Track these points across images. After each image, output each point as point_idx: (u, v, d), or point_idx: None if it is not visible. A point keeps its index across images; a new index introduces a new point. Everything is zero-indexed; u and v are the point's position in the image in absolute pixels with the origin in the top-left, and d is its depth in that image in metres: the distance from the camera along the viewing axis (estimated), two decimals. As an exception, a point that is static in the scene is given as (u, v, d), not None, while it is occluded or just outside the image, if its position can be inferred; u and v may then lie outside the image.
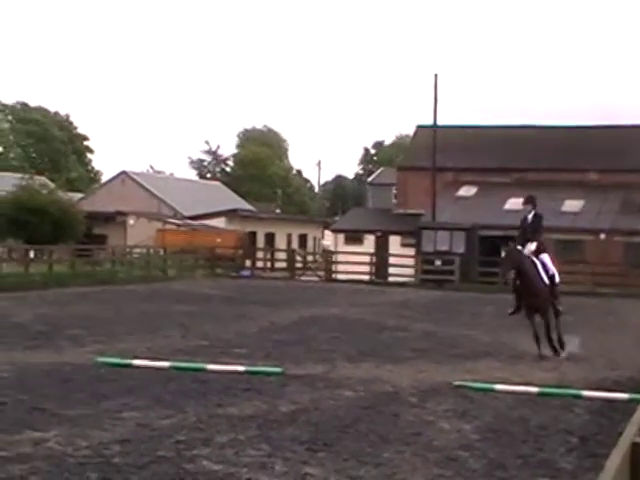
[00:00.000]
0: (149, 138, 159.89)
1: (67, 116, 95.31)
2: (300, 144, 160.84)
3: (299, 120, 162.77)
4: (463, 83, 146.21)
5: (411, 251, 43.47)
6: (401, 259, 41.35)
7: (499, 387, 11.25)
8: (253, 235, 56.51)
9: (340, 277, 40.46)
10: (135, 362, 12.35)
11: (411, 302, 27.77)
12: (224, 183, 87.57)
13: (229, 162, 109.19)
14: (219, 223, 55.13)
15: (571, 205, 44.98)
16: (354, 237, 49.96)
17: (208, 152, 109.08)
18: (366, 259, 40.58)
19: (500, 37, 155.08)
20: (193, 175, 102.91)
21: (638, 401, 9.03)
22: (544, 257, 15.12)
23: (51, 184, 56.34)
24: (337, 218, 72.32)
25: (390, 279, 39.99)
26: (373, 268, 40.64)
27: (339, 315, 21.84)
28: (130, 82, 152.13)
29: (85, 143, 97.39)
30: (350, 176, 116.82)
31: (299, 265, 43.96)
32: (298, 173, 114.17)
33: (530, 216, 15.39)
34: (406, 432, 8.77)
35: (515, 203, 43.24)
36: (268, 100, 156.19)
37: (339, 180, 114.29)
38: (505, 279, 14.94)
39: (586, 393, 11.00)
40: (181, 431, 8.42)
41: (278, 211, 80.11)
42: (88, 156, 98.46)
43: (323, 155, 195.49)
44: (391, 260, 42.27)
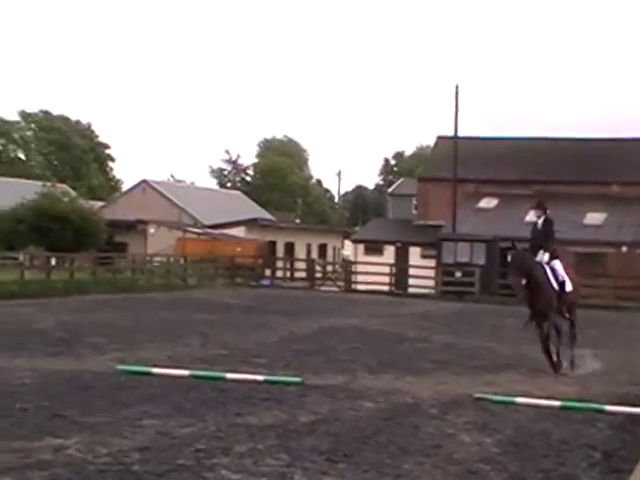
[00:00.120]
0: (170, 147, 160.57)
1: (89, 125, 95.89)
2: (320, 154, 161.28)
3: (319, 130, 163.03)
4: (476, 95, 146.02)
5: (431, 262, 43.37)
6: (421, 270, 41.32)
7: (520, 400, 11.15)
8: (273, 245, 56.53)
9: (360, 288, 40.42)
10: (155, 370, 12.35)
11: (431, 314, 27.68)
12: (244, 192, 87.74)
13: (249, 171, 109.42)
14: (239, 232, 55.19)
15: (593, 218, 44.78)
16: (374, 247, 49.91)
17: (228, 161, 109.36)
18: (386, 270, 40.55)
19: (511, 48, 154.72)
20: (213, 184, 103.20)
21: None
22: (555, 263, 14.68)
23: (73, 192, 56.68)
24: (357, 228, 72.32)
25: (410, 290, 39.87)
26: (393, 279, 40.57)
27: (359, 326, 21.80)
28: (151, 91, 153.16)
29: (106, 151, 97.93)
30: (370, 186, 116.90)
31: (319, 275, 43.94)
32: (318, 183, 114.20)
33: (540, 221, 14.96)
34: (426, 444, 8.70)
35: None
36: (288, 110, 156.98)
37: (359, 190, 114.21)
38: (517, 290, 14.42)
39: (608, 407, 10.89)
40: (200, 440, 8.39)
41: (298, 221, 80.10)
42: (109, 164, 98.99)
43: (343, 165, 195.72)
44: (411, 271, 42.19)
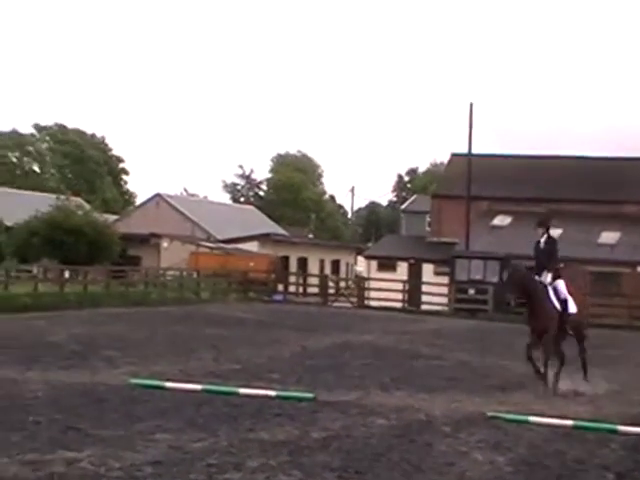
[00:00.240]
0: (183, 161, 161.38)
1: (103, 138, 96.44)
2: (334, 170, 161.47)
3: (333, 146, 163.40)
4: (490, 112, 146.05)
5: (444, 279, 43.29)
6: (434, 287, 41.24)
7: (533, 419, 11.10)
8: (286, 260, 56.55)
9: (373, 304, 40.36)
10: (168, 384, 12.37)
11: (444, 331, 27.59)
12: (257, 207, 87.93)
13: (263, 186, 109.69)
14: (252, 247, 55.26)
15: (607, 237, 44.64)
16: (387, 264, 49.90)
17: (242, 176, 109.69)
18: (399, 286, 40.48)
19: (525, 66, 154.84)
20: (226, 199, 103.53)
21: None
22: (558, 284, 14.36)
23: (87, 205, 56.97)
24: (370, 244, 72.30)
25: (423, 307, 39.79)
26: (406, 295, 40.51)
27: (372, 342, 21.75)
28: (166, 106, 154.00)
29: (121, 165, 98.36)
30: (383, 203, 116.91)
31: (332, 291, 43.91)
32: (331, 198, 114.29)
33: (543, 240, 14.57)
34: (439, 462, 8.67)
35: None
36: (302, 125, 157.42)
37: (372, 206, 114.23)
38: (507, 300, 14.03)
39: (622, 428, 10.83)
40: (213, 454, 8.39)
41: (311, 236, 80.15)
42: (123, 178, 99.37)
43: (357, 181, 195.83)
44: (424, 288, 42.13)
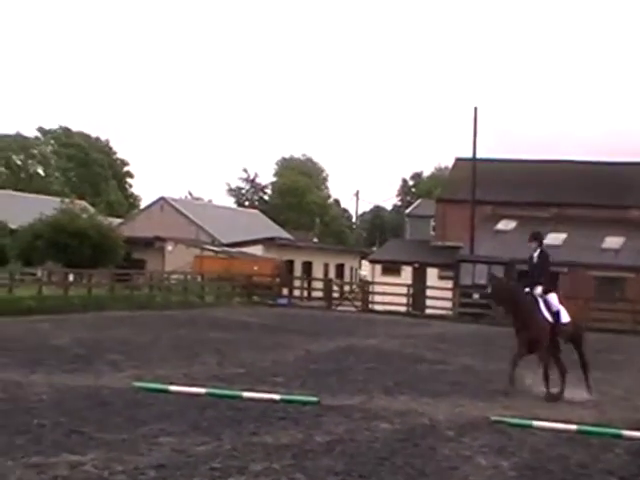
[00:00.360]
0: (188, 164, 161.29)
1: (107, 141, 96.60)
2: (339, 174, 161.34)
3: (338, 150, 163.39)
4: (494, 116, 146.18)
5: (449, 284, 43.27)
6: (438, 291, 41.18)
7: (537, 423, 11.10)
8: (290, 264, 56.54)
9: (377, 308, 40.33)
10: (172, 388, 12.38)
11: (448, 335, 27.56)
12: (262, 211, 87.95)
13: (267, 190, 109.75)
14: (256, 251, 55.26)
15: (612, 242, 44.58)
16: (391, 268, 49.89)
17: (246, 180, 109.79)
18: (403, 290, 40.43)
19: (530, 70, 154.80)
20: (231, 202, 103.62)
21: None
22: (549, 297, 14.20)
23: (91, 208, 57.02)
24: (374, 249, 72.31)
25: (427, 311, 39.75)
26: (410, 300, 40.47)
27: (376, 346, 21.73)
28: (170, 109, 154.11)
29: (125, 168, 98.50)
30: (388, 207, 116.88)
31: (336, 295, 43.90)
32: (336, 203, 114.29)
33: (536, 255, 14.42)
34: (443, 466, 8.68)
35: (555, 238, 43.07)
36: (307, 129, 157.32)
37: (377, 211, 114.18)
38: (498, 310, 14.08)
39: (626, 432, 10.83)
40: (216, 458, 8.41)
41: (315, 240, 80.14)
42: (128, 181, 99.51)
43: (361, 185, 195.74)
44: (428, 292, 42.06)
